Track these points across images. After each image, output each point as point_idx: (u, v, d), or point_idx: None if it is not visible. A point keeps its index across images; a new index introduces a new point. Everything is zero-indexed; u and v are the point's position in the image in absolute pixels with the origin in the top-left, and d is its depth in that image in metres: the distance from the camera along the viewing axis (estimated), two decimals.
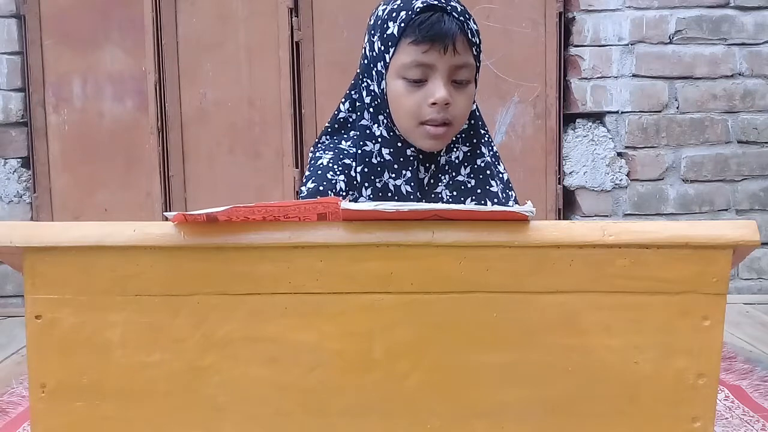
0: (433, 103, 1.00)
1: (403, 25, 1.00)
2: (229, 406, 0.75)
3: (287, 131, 2.60)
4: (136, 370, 0.75)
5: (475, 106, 1.10)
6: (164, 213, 2.62)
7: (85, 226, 0.75)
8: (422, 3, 0.99)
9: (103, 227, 0.74)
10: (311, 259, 0.74)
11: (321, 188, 1.04)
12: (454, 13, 0.99)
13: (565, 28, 2.62)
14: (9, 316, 2.52)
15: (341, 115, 1.11)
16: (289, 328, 0.75)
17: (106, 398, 0.75)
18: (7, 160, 2.62)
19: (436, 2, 0.99)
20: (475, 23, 1.03)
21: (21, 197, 2.63)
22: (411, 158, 1.05)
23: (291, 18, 2.56)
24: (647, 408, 0.75)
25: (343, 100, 1.13)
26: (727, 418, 1.56)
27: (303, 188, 1.07)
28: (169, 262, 0.74)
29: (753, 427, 1.52)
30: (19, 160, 2.62)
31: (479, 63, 1.05)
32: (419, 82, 1.01)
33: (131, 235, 0.74)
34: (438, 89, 0.99)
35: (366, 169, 1.05)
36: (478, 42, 1.03)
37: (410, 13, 0.99)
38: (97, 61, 2.60)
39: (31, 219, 2.60)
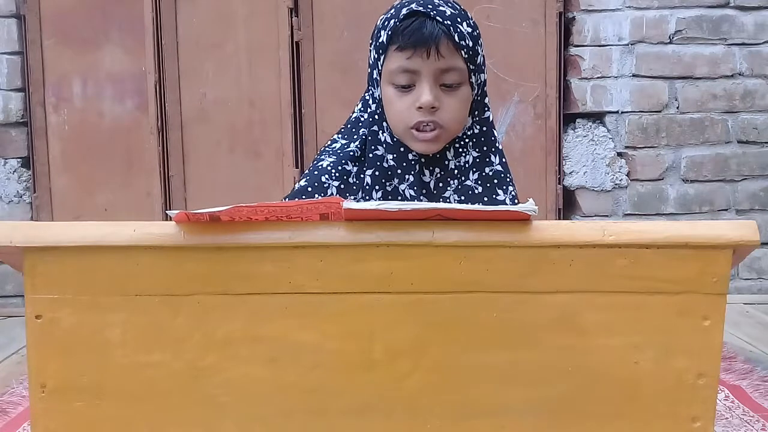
0: (420, 107, 1.02)
1: (390, 32, 1.02)
2: (229, 405, 0.75)
3: (287, 131, 2.60)
4: (136, 370, 0.75)
5: (488, 114, 1.10)
6: (167, 211, 2.62)
7: (85, 226, 0.75)
8: (406, 10, 1.02)
9: (103, 227, 0.74)
10: (311, 259, 0.74)
11: (310, 189, 1.06)
12: (438, 18, 1.00)
13: (565, 28, 2.62)
14: (9, 316, 2.52)
15: (354, 115, 1.14)
16: (290, 328, 0.75)
17: (106, 398, 0.75)
18: (7, 160, 2.62)
19: (420, 8, 1.01)
20: (469, 26, 1.03)
21: (21, 197, 2.63)
22: (413, 162, 1.06)
23: (291, 18, 2.56)
24: (647, 408, 0.75)
25: (359, 101, 1.15)
26: (727, 418, 1.56)
27: (296, 185, 1.09)
28: (169, 262, 0.74)
29: (753, 427, 1.52)
30: (19, 160, 2.62)
31: (474, 65, 1.04)
32: (407, 88, 1.03)
33: (131, 235, 0.74)
34: (423, 93, 1.01)
35: (377, 173, 1.07)
36: (470, 44, 1.03)
37: (396, 20, 1.02)
38: (97, 61, 2.60)
39: (31, 219, 2.60)
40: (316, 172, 1.08)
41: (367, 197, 1.06)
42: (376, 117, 1.08)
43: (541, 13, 2.59)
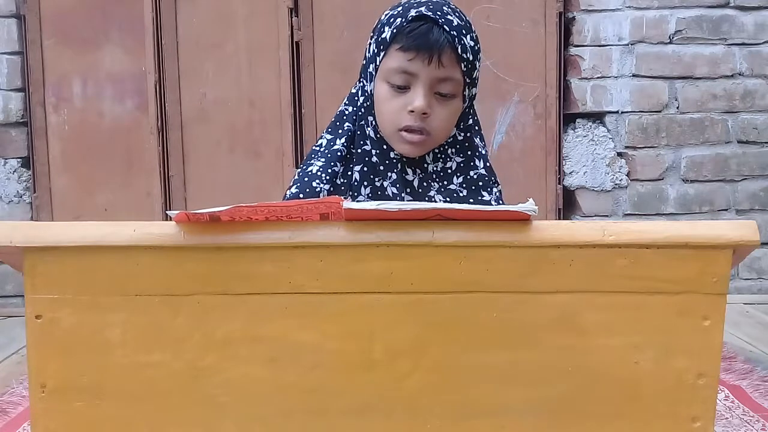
0: (411, 111, 1.02)
1: (395, 31, 1.02)
2: (229, 405, 0.75)
3: (287, 131, 2.60)
4: (136, 370, 0.75)
5: (473, 120, 1.11)
6: (167, 211, 2.62)
7: (85, 226, 0.75)
8: (416, 12, 1.02)
9: (103, 227, 0.74)
10: (311, 259, 0.74)
11: (301, 195, 1.06)
12: (446, 27, 1.01)
13: (565, 28, 2.62)
14: (9, 316, 2.52)
15: (341, 108, 1.14)
16: (290, 328, 0.75)
17: (106, 398, 0.75)
18: (7, 160, 2.62)
19: (430, 13, 1.01)
20: (472, 39, 1.04)
21: (21, 197, 2.63)
22: (395, 161, 1.07)
23: (291, 18, 2.56)
24: (647, 408, 0.75)
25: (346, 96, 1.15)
26: (727, 418, 1.56)
27: (287, 192, 1.09)
28: (169, 262, 0.74)
29: (753, 427, 1.52)
30: (19, 160, 2.62)
31: (470, 79, 1.05)
32: (402, 89, 1.03)
33: (131, 235, 0.74)
34: (417, 98, 1.02)
35: (365, 168, 1.07)
36: (470, 58, 1.03)
37: (403, 20, 1.02)
38: (97, 61, 2.60)
39: (31, 219, 2.60)
40: (306, 179, 1.08)
41: (356, 194, 1.06)
42: (363, 111, 1.08)
43: (541, 13, 2.59)
